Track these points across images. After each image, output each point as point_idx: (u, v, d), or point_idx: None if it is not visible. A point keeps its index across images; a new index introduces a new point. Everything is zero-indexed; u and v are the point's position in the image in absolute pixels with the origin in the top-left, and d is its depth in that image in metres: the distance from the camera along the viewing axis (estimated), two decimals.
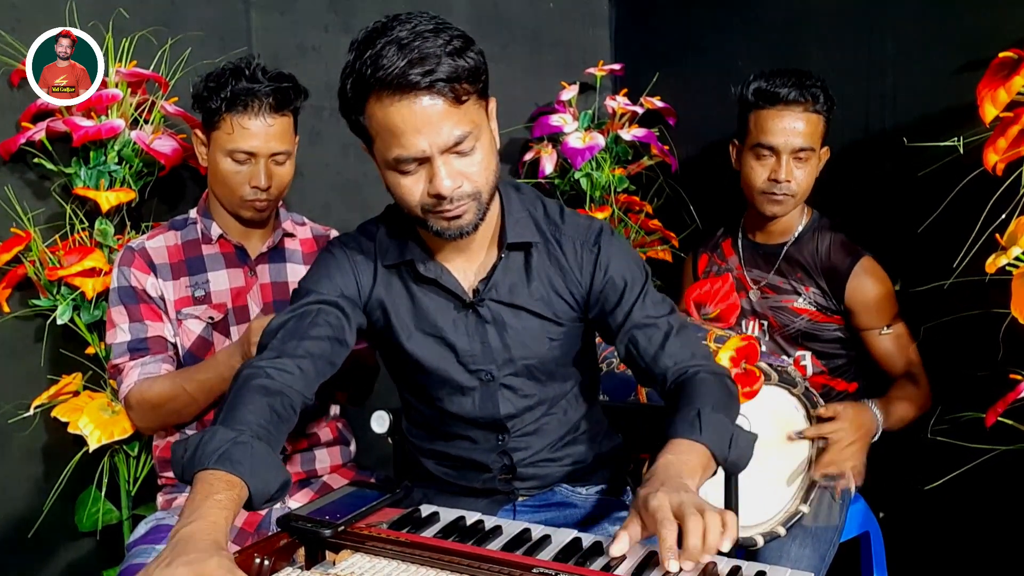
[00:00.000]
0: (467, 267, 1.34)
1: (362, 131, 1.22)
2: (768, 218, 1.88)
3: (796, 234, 1.90)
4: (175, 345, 1.67)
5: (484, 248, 1.34)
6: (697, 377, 1.29)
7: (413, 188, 1.20)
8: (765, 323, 1.91)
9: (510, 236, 1.32)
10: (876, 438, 1.73)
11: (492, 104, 1.26)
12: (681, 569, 0.96)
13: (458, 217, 1.21)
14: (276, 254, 1.75)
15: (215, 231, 1.70)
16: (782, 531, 1.61)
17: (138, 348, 1.63)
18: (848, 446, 1.63)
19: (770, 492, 1.62)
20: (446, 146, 1.16)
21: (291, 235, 1.78)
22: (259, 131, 1.60)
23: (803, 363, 1.88)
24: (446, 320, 1.34)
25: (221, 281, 1.69)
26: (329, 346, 1.26)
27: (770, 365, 1.60)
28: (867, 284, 1.81)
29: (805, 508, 1.62)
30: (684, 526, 0.97)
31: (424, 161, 1.18)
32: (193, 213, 1.73)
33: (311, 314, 1.27)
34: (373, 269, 1.34)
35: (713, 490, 1.51)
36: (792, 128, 1.79)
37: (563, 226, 1.36)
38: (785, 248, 1.90)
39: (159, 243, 1.68)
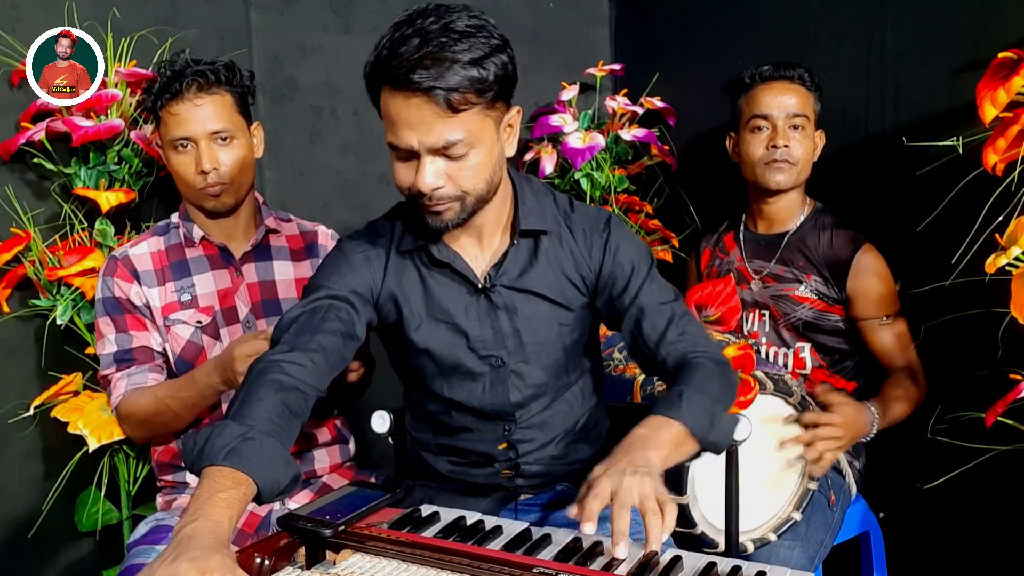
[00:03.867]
0: (479, 254, 1.36)
1: (379, 111, 1.24)
2: (772, 193, 1.89)
3: (797, 223, 1.91)
4: (163, 353, 1.65)
5: (497, 235, 1.36)
6: (695, 362, 1.30)
7: (403, 175, 1.23)
8: (767, 313, 1.91)
9: (523, 223, 1.34)
10: (869, 439, 1.73)
11: (512, 113, 1.26)
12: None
13: (438, 213, 1.24)
14: (261, 252, 1.73)
15: (197, 233, 1.67)
16: (773, 537, 1.60)
17: (123, 359, 1.62)
18: (833, 439, 1.63)
19: (762, 499, 1.61)
20: (434, 147, 1.18)
21: (275, 232, 1.75)
22: (187, 114, 1.58)
23: (802, 355, 1.88)
24: (458, 306, 1.35)
25: (207, 284, 1.67)
26: (341, 340, 1.27)
27: (766, 374, 1.59)
28: (868, 272, 1.82)
29: (797, 515, 1.61)
30: (612, 510, 1.02)
31: (414, 154, 1.20)
32: (175, 218, 1.71)
33: (322, 309, 1.28)
34: (384, 261, 1.36)
35: (715, 495, 1.52)
36: (784, 97, 1.86)
37: (573, 214, 1.39)
38: (787, 237, 1.91)
39: (142, 250, 1.66)
